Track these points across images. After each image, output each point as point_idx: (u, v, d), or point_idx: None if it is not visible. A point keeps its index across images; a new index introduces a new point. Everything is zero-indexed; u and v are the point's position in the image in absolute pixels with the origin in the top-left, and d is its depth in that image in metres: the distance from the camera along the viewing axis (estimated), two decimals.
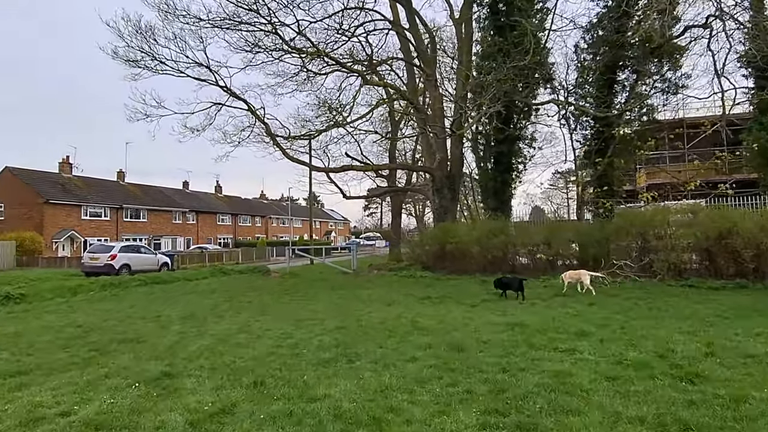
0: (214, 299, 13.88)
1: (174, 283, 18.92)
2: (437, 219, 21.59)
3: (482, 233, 17.51)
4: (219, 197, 63.29)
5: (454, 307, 11.13)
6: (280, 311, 11.24)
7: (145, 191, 50.00)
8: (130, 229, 45.24)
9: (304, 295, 14.34)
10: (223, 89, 18.58)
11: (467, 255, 18.33)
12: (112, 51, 17.44)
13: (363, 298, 13.27)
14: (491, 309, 10.66)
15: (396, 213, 30.96)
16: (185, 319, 10.45)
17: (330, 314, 10.57)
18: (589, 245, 15.94)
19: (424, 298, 12.88)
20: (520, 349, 6.84)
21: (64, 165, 43.15)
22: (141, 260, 25.75)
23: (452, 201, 21.81)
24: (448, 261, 19.85)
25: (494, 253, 17.26)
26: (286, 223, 73.83)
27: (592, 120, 20.04)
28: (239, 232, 62.06)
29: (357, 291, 15.07)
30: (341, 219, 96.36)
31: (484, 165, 22.28)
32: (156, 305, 13.00)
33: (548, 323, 8.65)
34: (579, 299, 11.72)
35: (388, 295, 13.95)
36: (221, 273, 22.39)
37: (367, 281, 18.27)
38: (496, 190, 21.05)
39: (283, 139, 20.38)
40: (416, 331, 8.39)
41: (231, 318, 10.49)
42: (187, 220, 52.91)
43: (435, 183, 21.77)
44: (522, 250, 17.66)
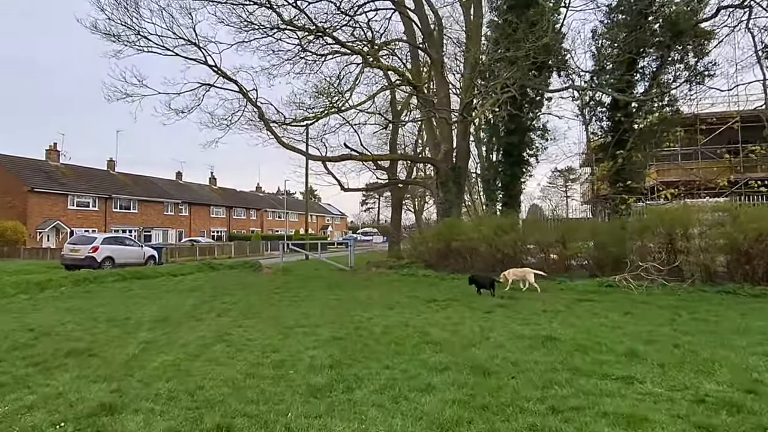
0: (196, 298, 12.47)
1: (156, 278, 17.48)
2: (441, 214, 20.19)
3: (491, 230, 16.11)
4: (213, 189, 61.73)
5: (466, 313, 9.74)
6: (267, 314, 9.84)
7: (136, 181, 48.41)
8: (120, 221, 43.69)
9: (296, 294, 12.93)
10: (212, 68, 17.07)
11: (474, 253, 16.96)
12: (91, 24, 15.91)
13: (362, 300, 11.88)
14: (510, 316, 9.27)
15: (396, 208, 29.53)
16: (157, 323, 9.04)
17: (325, 319, 9.18)
18: (609, 245, 14.55)
19: (430, 300, 11.49)
20: (562, 374, 5.45)
21: (51, 152, 41.49)
22: (125, 253, 24.29)
23: (457, 195, 20.41)
24: (452, 259, 18.47)
25: (504, 252, 15.86)
26: (281, 216, 72.34)
27: (610, 111, 18.64)
28: (233, 225, 60.56)
29: (355, 291, 13.68)
30: (338, 214, 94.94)
31: (491, 157, 20.86)
32: (129, 304, 11.58)
33: (585, 337, 7.26)
34: (606, 306, 10.35)
35: (389, 296, 12.57)
36: (209, 268, 20.96)
37: (366, 280, 16.89)
38: (506, 184, 19.67)
39: (278, 125, 18.92)
40: (427, 345, 6.99)
41: (210, 322, 9.08)
42: (179, 211, 51.38)
43: (439, 176, 20.35)
44: (534, 248, 16.26)
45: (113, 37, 15.95)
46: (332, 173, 22.86)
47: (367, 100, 19.96)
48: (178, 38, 16.41)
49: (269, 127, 18.22)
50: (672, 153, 30.98)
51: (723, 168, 28.16)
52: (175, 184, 54.96)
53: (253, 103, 17.97)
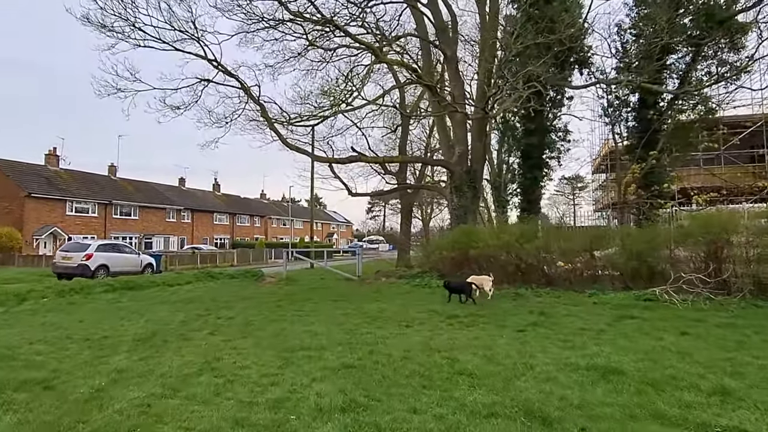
0: (189, 312, 11.21)
1: (150, 288, 16.24)
2: (455, 221, 18.91)
3: (512, 237, 14.80)
4: (217, 195, 60.68)
5: (495, 332, 8.45)
6: (267, 333, 8.57)
7: (138, 187, 47.40)
8: (120, 227, 42.63)
9: (300, 308, 11.65)
10: (212, 63, 15.91)
11: (493, 263, 15.63)
12: (83, 15, 14.79)
13: (373, 315, 10.59)
14: (548, 336, 7.95)
15: (405, 214, 28.22)
16: (139, 343, 7.79)
17: (332, 339, 7.91)
18: (644, 254, 13.21)
19: (451, 316, 10.18)
20: (645, 424, 4.17)
21: (50, 157, 40.53)
22: (121, 261, 23.11)
23: (473, 200, 19.13)
24: (467, 269, 17.16)
25: (528, 261, 14.54)
26: (286, 224, 71.21)
27: (638, 110, 17.35)
28: (237, 233, 59.43)
29: (365, 304, 12.39)
30: (344, 221, 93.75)
31: (502, 162, 19.59)
32: (114, 319, 10.35)
33: (651, 367, 5.96)
34: (656, 324, 9.00)
35: (403, 310, 11.28)
36: (209, 277, 19.72)
37: (376, 291, 15.59)
38: (525, 188, 18.38)
39: (282, 125, 17.75)
40: (460, 376, 5.72)
41: (200, 342, 7.82)
42: (181, 218, 50.29)
43: (453, 180, 19.09)
44: (559, 258, 14.93)
45: (107, 29, 14.86)
46: (339, 177, 21.69)
47: (377, 98, 18.73)
48: (176, 31, 15.30)
49: (272, 125, 17.04)
50: (692, 158, 29.70)
51: (747, 173, 26.84)
52: (178, 190, 53.94)
53: (255, 99, 16.80)
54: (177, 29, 15.22)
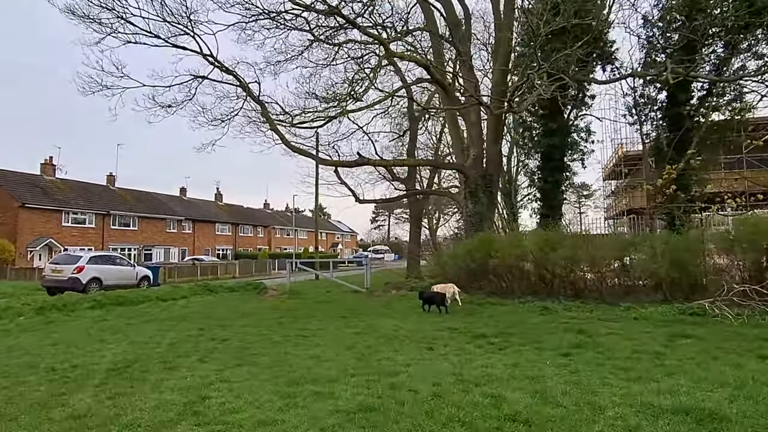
0: (180, 332, 9.94)
1: (141, 304, 14.98)
2: (470, 228, 17.63)
3: (536, 246, 13.51)
4: (219, 205, 59.56)
5: (535, 356, 7.16)
6: (266, 359, 7.29)
7: (137, 197, 46.30)
8: (119, 238, 41.47)
9: (304, 326, 10.36)
10: (207, 59, 14.73)
11: (515, 273, 14.36)
12: (66, 7, 13.64)
13: (388, 334, 9.30)
14: (602, 363, 6.64)
15: (415, 222, 26.88)
16: (113, 375, 6.54)
17: (344, 368, 6.64)
18: (688, 263, 11.90)
19: (478, 336, 8.89)
20: None
21: (46, 166, 39.45)
22: (115, 273, 21.88)
23: (489, 206, 17.86)
24: (485, 280, 15.90)
25: (555, 271, 13.23)
26: (290, 234, 70.00)
27: (667, 108, 16.08)
28: (240, 243, 58.22)
29: (377, 320, 11.11)
30: (348, 231, 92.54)
31: (512, 166, 18.30)
32: (93, 341, 9.09)
33: (753, 408, 4.65)
34: (723, 347, 7.66)
35: (421, 327, 10.00)
36: (206, 291, 18.46)
37: (387, 305, 14.30)
38: (546, 192, 17.08)
39: (285, 126, 16.56)
40: (512, 423, 4.44)
41: (187, 372, 6.55)
42: (182, 229, 49.13)
43: (468, 184, 17.83)
44: (589, 268, 13.61)
45: (93, 22, 13.75)
46: (345, 183, 20.45)
47: (386, 97, 17.55)
48: (169, 24, 14.17)
49: (274, 126, 15.84)
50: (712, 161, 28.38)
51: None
52: (179, 200, 52.85)
53: (254, 98, 15.62)
54: (170, 22, 14.12)
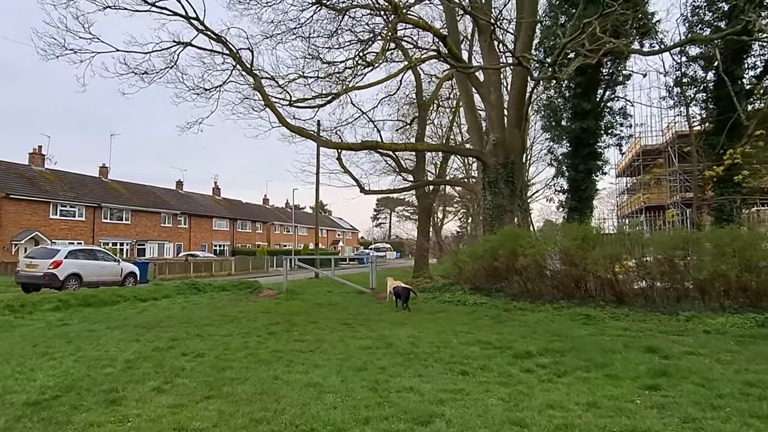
0: (147, 343, 8.03)
1: (116, 304, 13.09)
2: (490, 223, 15.71)
3: (573, 243, 11.58)
4: (216, 200, 57.59)
5: (612, 389, 5.26)
6: (247, 388, 5.39)
7: (131, 190, 44.37)
8: (110, 232, 39.58)
9: (301, 337, 8.45)
10: (192, 22, 12.73)
11: (545, 274, 12.45)
12: None
13: (405, 349, 7.41)
14: (718, 407, 4.71)
15: (424, 217, 24.91)
16: (30, 411, 4.68)
17: (352, 404, 4.78)
18: (757, 263, 9.97)
19: (521, 355, 6.97)
20: None
21: (35, 156, 37.48)
22: (96, 269, 19.99)
23: (510, 198, 15.93)
24: (505, 281, 14.03)
25: (595, 273, 11.30)
26: (290, 230, 68.03)
27: (716, 89, 14.12)
28: (238, 239, 56.32)
29: (388, 329, 9.22)
30: (349, 228, 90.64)
31: (551, 150, 16.32)
32: (33, 355, 7.20)
33: None
34: None
35: (444, 340, 8.11)
36: (194, 290, 16.55)
37: (396, 309, 12.40)
38: (576, 183, 15.13)
39: (282, 106, 14.61)
40: None
41: (131, 410, 4.67)
42: (178, 223, 47.21)
43: (487, 174, 15.91)
44: (635, 269, 11.68)
45: None
46: (349, 171, 18.62)
47: (396, 74, 15.61)
48: None
49: (269, 102, 13.87)
50: None
51: None
52: (175, 194, 50.90)
53: (246, 68, 13.65)
54: None
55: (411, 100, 26.13)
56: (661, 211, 31.68)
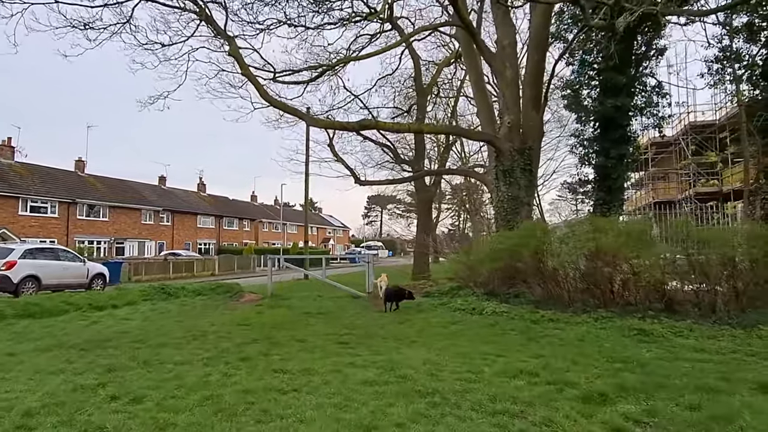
0: (70, 377, 5.91)
1: (61, 315, 10.90)
2: (504, 217, 13.75)
3: (618, 240, 9.59)
4: (201, 196, 55.11)
5: None
6: None
7: (109, 185, 41.85)
8: (86, 230, 37.11)
9: (282, 365, 6.37)
10: None
11: (577, 277, 10.49)
12: None
13: (425, 387, 5.39)
14: None
15: (424, 212, 22.86)
16: None
17: None
18: None
19: (595, 399, 4.97)
20: None
21: (3, 148, 34.81)
22: (58, 271, 17.77)
23: (528, 189, 13.97)
24: (528, 284, 12.05)
25: (653, 276, 9.31)
26: (278, 228, 65.70)
27: (765, 62, 12.20)
28: (224, 237, 53.95)
29: (397, 352, 7.19)
30: (340, 226, 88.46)
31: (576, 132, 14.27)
32: None
33: None
34: None
35: (474, 371, 6.13)
36: (163, 295, 14.38)
37: (402, 320, 10.37)
38: (604, 171, 13.16)
39: (262, 79, 12.48)
40: None
41: None
42: (160, 220, 44.76)
43: (501, 161, 13.91)
44: (692, 272, 9.70)
45: None
46: (342, 160, 16.56)
47: (393, 45, 13.53)
48: None
49: (247, 71, 11.61)
50: None
51: None
52: (157, 190, 48.41)
53: (218, 28, 11.35)
54: None
55: (409, 90, 24.13)
56: (671, 206, 29.97)
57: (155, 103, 13.49)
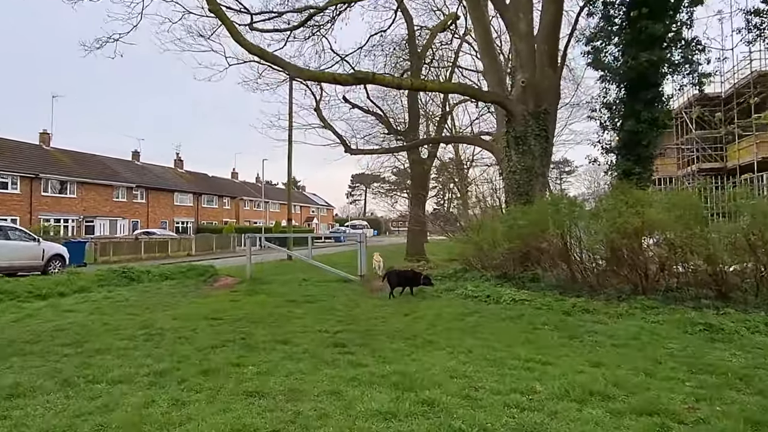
0: None
1: None
2: (517, 190, 12.07)
3: (669, 215, 7.96)
4: (179, 173, 52.49)
5: None
6: None
7: (78, 160, 39.15)
8: (53, 207, 34.63)
9: (260, 385, 4.62)
10: None
11: (621, 259, 8.92)
12: None
13: (465, 425, 3.67)
14: None
15: (420, 186, 21.01)
16: None
17: None
18: None
19: None
20: None
21: None
22: (5, 252, 15.65)
23: (543, 158, 12.30)
24: (553, 267, 10.50)
25: (717, 258, 7.71)
26: (260, 206, 63.46)
27: None
28: (203, 216, 51.62)
29: (411, 360, 5.52)
30: (324, 204, 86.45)
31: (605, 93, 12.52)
32: None
33: None
34: None
35: (522, 389, 4.47)
36: (124, 279, 12.48)
37: (407, 309, 8.67)
38: (632, 137, 11.46)
39: (240, 25, 10.48)
40: None
41: None
42: (134, 197, 42.28)
43: (513, 126, 12.18)
44: None
45: None
46: (331, 126, 14.62)
47: None
48: None
49: (215, 7, 9.68)
50: None
51: None
52: (131, 165, 45.72)
53: None
54: None
55: (399, 59, 22.13)
56: (670, 181, 28.64)
57: (103, 47, 11.37)
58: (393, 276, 10.25)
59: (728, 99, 25.83)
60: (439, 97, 21.81)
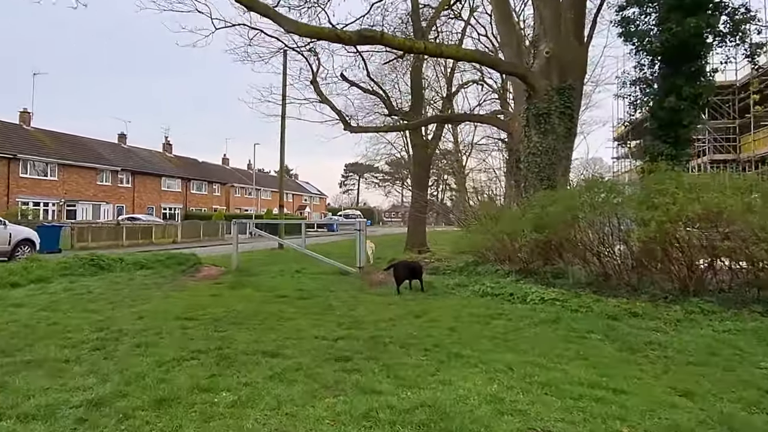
0: None
1: None
2: (538, 174, 10.77)
3: (725, 203, 6.68)
4: (167, 157, 50.64)
5: None
6: None
7: (60, 140, 37.30)
8: (31, 190, 32.91)
9: (237, 415, 3.29)
10: None
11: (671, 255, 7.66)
12: None
13: None
14: None
15: (422, 171, 19.50)
16: None
17: None
18: None
19: None
20: None
21: None
22: None
23: (567, 139, 10.97)
24: (584, 260, 9.23)
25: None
26: (251, 193, 61.90)
27: None
28: (192, 202, 49.93)
29: (433, 377, 4.20)
30: (317, 193, 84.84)
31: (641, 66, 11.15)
32: None
33: None
34: None
35: (592, 421, 3.13)
36: (92, 268, 11.04)
37: (416, 309, 7.34)
38: (669, 116, 10.18)
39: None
40: None
41: None
42: (119, 181, 40.54)
43: (534, 102, 10.84)
44: None
45: None
46: (329, 101, 13.22)
47: None
48: None
49: None
50: None
51: None
52: (116, 148, 43.86)
53: None
54: None
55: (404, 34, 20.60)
56: None
57: None
58: (401, 269, 8.95)
59: (744, 87, 24.63)
60: (443, 78, 20.33)
